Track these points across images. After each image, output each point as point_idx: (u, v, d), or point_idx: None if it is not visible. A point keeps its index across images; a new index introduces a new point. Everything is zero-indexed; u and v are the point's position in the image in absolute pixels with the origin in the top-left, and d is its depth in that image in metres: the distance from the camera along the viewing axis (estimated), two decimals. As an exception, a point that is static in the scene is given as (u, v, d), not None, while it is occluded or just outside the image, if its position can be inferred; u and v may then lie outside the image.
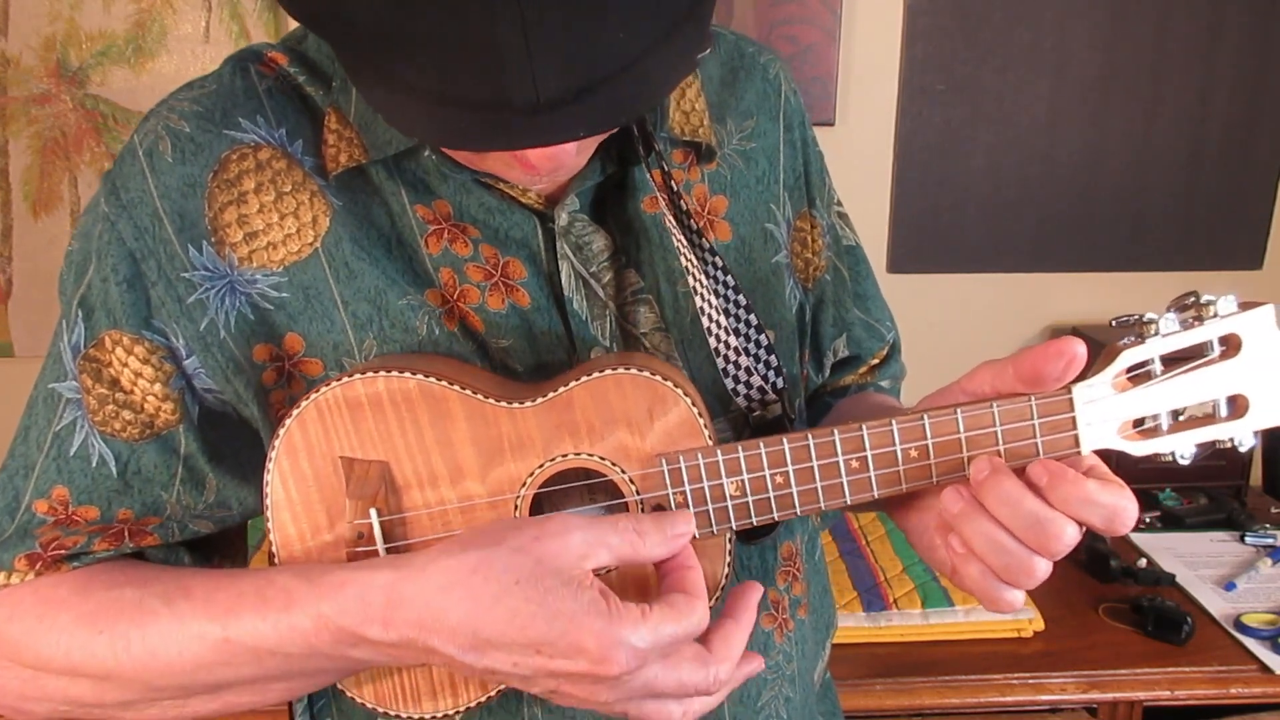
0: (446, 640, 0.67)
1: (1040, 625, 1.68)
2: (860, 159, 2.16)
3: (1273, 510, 2.12)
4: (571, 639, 0.65)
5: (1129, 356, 0.72)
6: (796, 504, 0.76)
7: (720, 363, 0.87)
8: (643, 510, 0.77)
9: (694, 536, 0.74)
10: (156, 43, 2.03)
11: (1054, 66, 2.12)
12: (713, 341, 0.86)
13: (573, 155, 0.72)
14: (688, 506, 0.76)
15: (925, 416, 0.73)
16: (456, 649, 0.67)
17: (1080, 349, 0.70)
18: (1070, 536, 0.69)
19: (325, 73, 0.83)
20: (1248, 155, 2.19)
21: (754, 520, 0.77)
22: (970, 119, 2.15)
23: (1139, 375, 0.73)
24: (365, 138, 0.80)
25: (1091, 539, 1.84)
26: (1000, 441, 0.73)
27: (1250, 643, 1.64)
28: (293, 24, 0.86)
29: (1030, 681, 1.60)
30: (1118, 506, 0.69)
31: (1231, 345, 0.73)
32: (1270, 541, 1.94)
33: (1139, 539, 1.98)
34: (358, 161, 0.79)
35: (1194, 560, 1.90)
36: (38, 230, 2.08)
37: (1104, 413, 0.73)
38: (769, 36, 2.05)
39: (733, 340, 0.85)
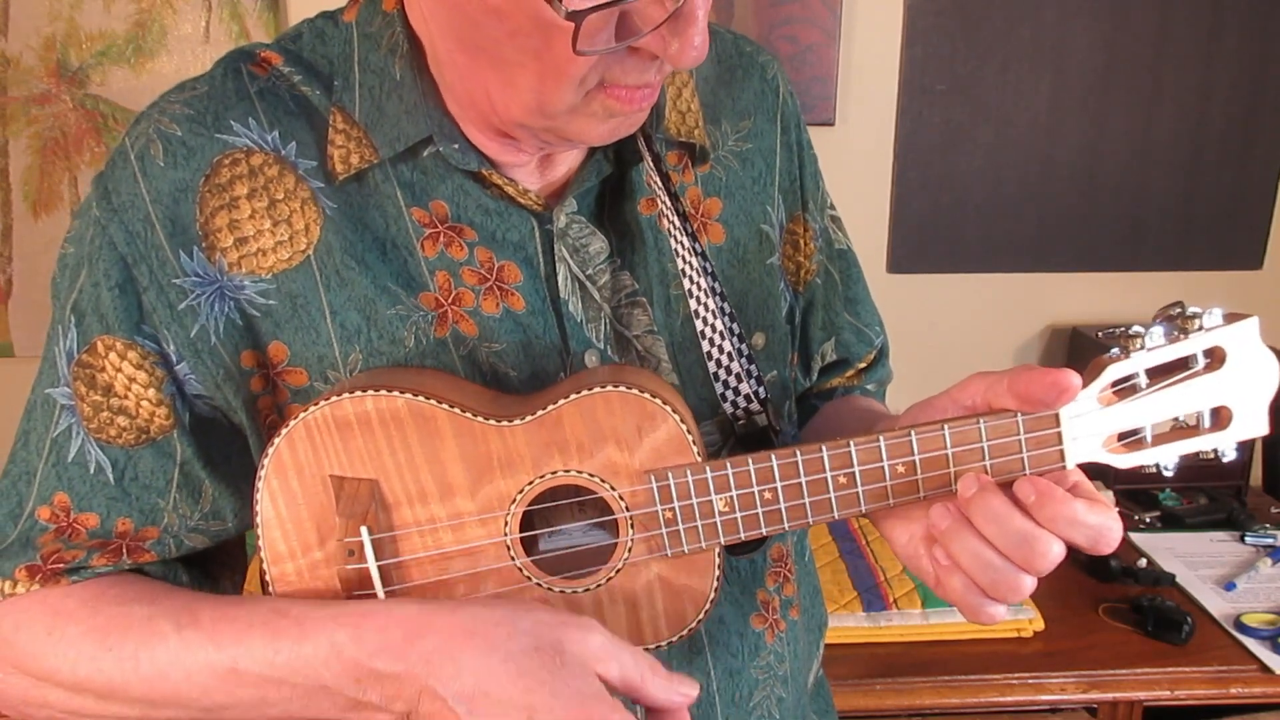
0: (448, 681, 0.67)
1: (1040, 625, 1.69)
2: (860, 159, 2.15)
3: (1273, 510, 2.12)
4: (570, 716, 0.66)
5: (1114, 371, 0.73)
6: (785, 519, 0.76)
7: (712, 366, 0.87)
8: (632, 526, 0.77)
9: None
10: (156, 43, 2.03)
11: (1054, 66, 2.12)
12: (705, 345, 0.86)
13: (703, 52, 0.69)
14: (676, 523, 0.76)
15: (913, 433, 0.74)
16: (452, 695, 0.67)
17: (1076, 382, 0.71)
18: (1056, 554, 0.70)
19: (324, 73, 0.82)
20: (1248, 155, 2.19)
21: (742, 536, 0.77)
22: (970, 119, 2.14)
23: (1124, 389, 0.73)
24: (374, 136, 0.79)
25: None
26: (987, 457, 0.73)
27: (1250, 643, 1.64)
28: (292, 23, 0.85)
29: (1030, 681, 1.60)
30: (1104, 527, 0.70)
31: (1216, 357, 0.73)
32: (1270, 541, 1.94)
33: (1139, 539, 1.98)
34: (369, 162, 0.79)
35: (1194, 560, 1.90)
36: (38, 230, 2.09)
37: (1089, 427, 0.73)
38: (769, 36, 2.05)
39: (726, 344, 0.85)
